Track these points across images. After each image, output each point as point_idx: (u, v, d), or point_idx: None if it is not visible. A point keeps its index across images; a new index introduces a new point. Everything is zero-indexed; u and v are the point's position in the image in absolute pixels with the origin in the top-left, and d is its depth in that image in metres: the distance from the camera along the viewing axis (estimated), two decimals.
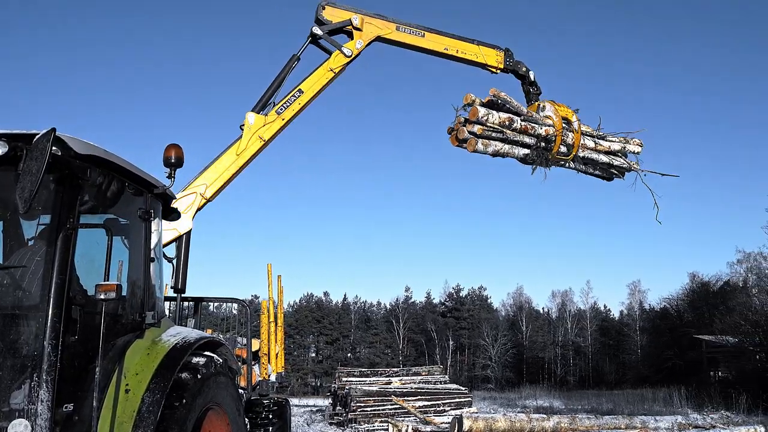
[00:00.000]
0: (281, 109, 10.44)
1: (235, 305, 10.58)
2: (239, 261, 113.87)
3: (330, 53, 11.13)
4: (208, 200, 9.53)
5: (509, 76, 12.51)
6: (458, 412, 19.13)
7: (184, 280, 8.51)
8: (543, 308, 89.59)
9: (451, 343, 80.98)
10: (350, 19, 11.35)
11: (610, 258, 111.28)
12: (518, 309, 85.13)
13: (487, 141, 11.11)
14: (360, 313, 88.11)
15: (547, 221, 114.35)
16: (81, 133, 4.68)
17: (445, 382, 28.67)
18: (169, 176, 6.12)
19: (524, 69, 12.55)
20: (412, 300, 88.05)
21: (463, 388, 28.61)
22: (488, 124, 11.07)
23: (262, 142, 10.14)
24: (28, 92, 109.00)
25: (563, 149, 11.88)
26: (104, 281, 4.63)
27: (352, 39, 11.35)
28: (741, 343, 35.31)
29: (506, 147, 11.41)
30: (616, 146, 12.66)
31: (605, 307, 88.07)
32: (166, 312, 8.39)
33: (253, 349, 12.07)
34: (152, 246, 5.90)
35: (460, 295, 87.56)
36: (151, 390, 4.97)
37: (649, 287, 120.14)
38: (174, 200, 6.55)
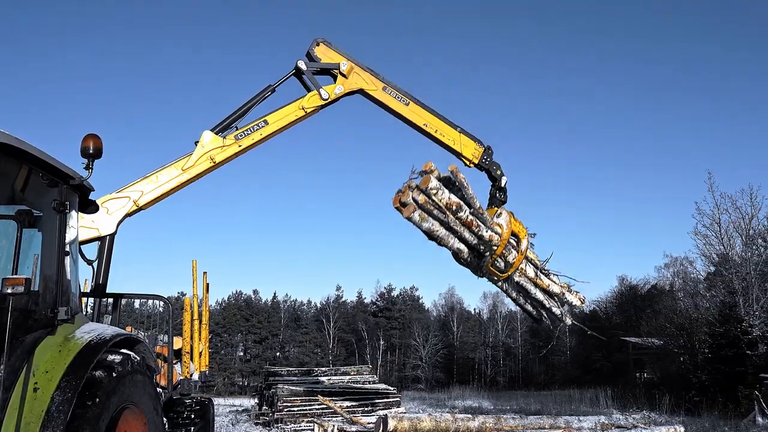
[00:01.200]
0: (241, 136, 10.23)
1: (160, 303, 10.35)
2: (166, 258, 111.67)
3: (308, 90, 10.98)
4: (140, 208, 9.29)
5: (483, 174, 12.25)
6: (386, 412, 19.20)
7: (105, 284, 8.26)
8: (474, 309, 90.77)
9: (381, 343, 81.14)
10: (339, 64, 11.22)
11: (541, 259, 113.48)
12: (450, 310, 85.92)
13: (425, 215, 10.61)
14: (290, 311, 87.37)
15: None
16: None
17: (374, 382, 28.69)
18: (87, 167, 5.95)
19: (498, 172, 12.27)
20: (344, 299, 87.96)
21: (392, 388, 28.64)
22: (434, 199, 10.64)
23: (212, 164, 9.92)
24: None
25: (500, 264, 11.56)
26: (12, 274, 4.47)
27: (335, 83, 11.20)
28: (666, 345, 36.51)
29: (443, 231, 10.93)
30: (556, 289, 12.44)
31: None
32: (87, 309, 8.16)
33: (176, 348, 11.82)
34: (68, 240, 5.73)
35: (392, 295, 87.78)
36: (61, 389, 4.78)
37: (579, 290, 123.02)
38: (92, 192, 6.37)
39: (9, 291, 4.27)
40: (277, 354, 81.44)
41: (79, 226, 6.32)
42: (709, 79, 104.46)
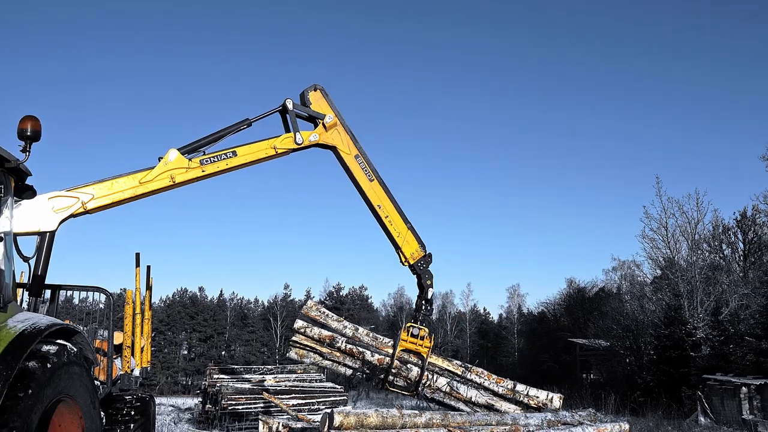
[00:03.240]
0: (206, 162, 10.10)
1: (101, 296, 10.00)
2: (108, 254, 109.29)
3: (287, 131, 11.03)
4: (87, 212, 8.94)
5: None
6: (332, 408, 19.00)
7: (42, 282, 7.91)
8: None
9: None
10: (326, 115, 11.32)
11: (490, 262, 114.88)
12: (399, 309, 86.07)
13: (303, 352, 11.27)
14: (236, 310, 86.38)
15: (428, 223, 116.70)
16: None
17: (321, 381, 28.52)
18: (24, 150, 5.71)
19: (429, 283, 12.29)
20: (291, 298, 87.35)
21: (339, 387, 28.49)
22: (308, 335, 11.18)
23: (171, 183, 9.74)
24: None
25: (400, 383, 11.95)
26: None
27: (314, 130, 11.27)
28: (612, 347, 37.23)
29: (327, 362, 11.66)
30: (481, 400, 12.80)
31: (485, 310, 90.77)
32: (23, 305, 7.77)
33: (116, 342, 11.42)
34: (1, 226, 5.47)
35: (341, 294, 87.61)
36: None
37: (528, 291, 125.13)
38: (29, 177, 6.09)
39: None
40: (223, 353, 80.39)
41: (18, 217, 6.02)
42: (657, 83, 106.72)
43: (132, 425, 10.05)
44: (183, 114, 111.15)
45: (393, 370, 11.78)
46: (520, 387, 13.48)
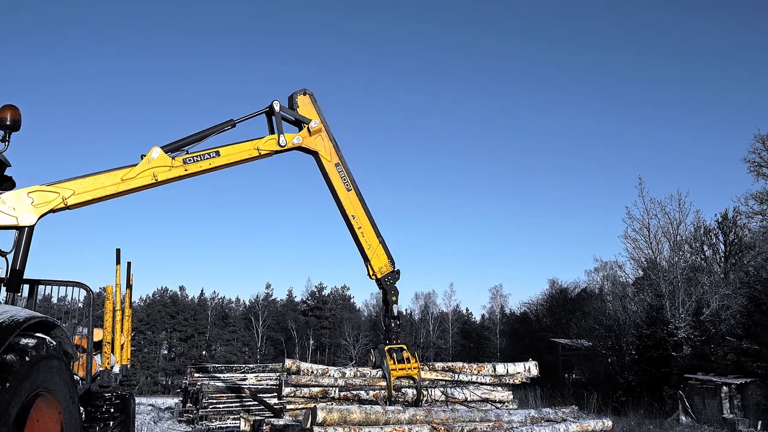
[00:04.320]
0: (189, 161, 10.09)
1: (80, 292, 9.85)
2: (87, 252, 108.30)
3: (272, 132, 11.11)
4: (68, 207, 8.84)
5: None
6: (315, 404, 18.88)
7: (20, 277, 7.74)
8: (406, 309, 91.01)
9: (311, 342, 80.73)
10: (312, 120, 11.37)
11: (473, 262, 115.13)
12: (381, 309, 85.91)
13: (298, 412, 11.48)
14: (218, 309, 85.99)
15: (411, 223, 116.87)
16: None
17: None
18: (3, 140, 5.58)
19: (394, 299, 12.46)
20: (273, 298, 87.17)
21: None
22: (299, 396, 11.60)
23: (153, 181, 9.70)
24: None
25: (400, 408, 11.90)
26: None
27: (297, 133, 11.32)
28: (594, 347, 37.25)
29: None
30: (476, 397, 12.95)
31: (467, 310, 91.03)
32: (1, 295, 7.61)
33: (96, 339, 11.24)
34: None
35: (323, 294, 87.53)
36: None
37: (510, 292, 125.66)
38: (7, 167, 5.95)
39: None
40: (203, 352, 80.00)
41: None
42: (639, 83, 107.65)
43: (111, 422, 9.89)
44: (168, 113, 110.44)
45: (392, 400, 11.84)
46: (500, 368, 13.52)
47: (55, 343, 5.77)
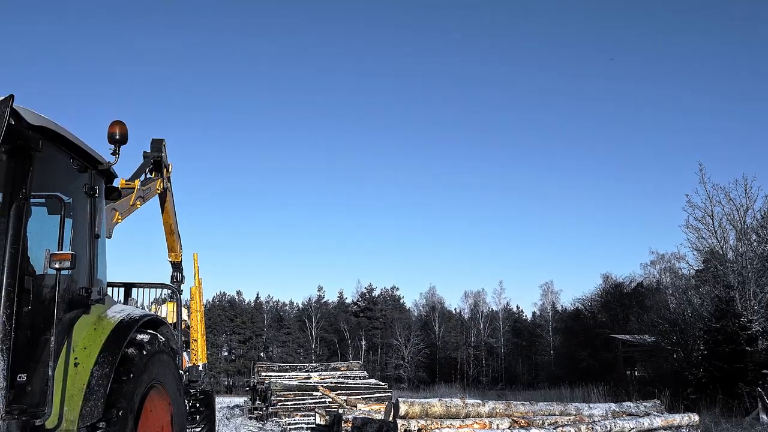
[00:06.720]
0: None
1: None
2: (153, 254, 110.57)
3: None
4: None
5: None
6: (396, 397, 19.17)
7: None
8: (456, 309, 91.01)
9: (363, 342, 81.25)
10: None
11: (522, 259, 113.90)
12: (431, 309, 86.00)
13: None
14: (273, 312, 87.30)
15: (459, 222, 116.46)
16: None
17: (365, 378, 28.77)
18: (114, 153, 6.01)
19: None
20: (325, 299, 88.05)
21: (383, 383, 28.72)
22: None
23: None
24: None
25: None
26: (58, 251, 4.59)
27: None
28: (658, 343, 36.13)
29: None
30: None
31: (518, 308, 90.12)
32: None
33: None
34: (97, 224, 5.75)
35: (373, 295, 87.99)
36: (99, 364, 4.93)
37: (562, 288, 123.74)
38: (115, 178, 6.37)
39: (57, 266, 4.47)
40: (261, 354, 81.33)
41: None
42: (698, 70, 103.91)
43: (198, 416, 10.36)
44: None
45: None
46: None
47: (164, 339, 6.18)
